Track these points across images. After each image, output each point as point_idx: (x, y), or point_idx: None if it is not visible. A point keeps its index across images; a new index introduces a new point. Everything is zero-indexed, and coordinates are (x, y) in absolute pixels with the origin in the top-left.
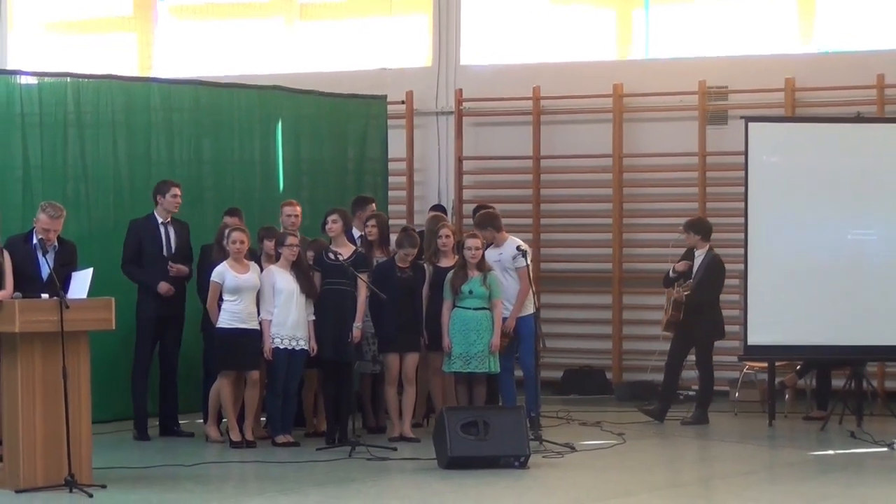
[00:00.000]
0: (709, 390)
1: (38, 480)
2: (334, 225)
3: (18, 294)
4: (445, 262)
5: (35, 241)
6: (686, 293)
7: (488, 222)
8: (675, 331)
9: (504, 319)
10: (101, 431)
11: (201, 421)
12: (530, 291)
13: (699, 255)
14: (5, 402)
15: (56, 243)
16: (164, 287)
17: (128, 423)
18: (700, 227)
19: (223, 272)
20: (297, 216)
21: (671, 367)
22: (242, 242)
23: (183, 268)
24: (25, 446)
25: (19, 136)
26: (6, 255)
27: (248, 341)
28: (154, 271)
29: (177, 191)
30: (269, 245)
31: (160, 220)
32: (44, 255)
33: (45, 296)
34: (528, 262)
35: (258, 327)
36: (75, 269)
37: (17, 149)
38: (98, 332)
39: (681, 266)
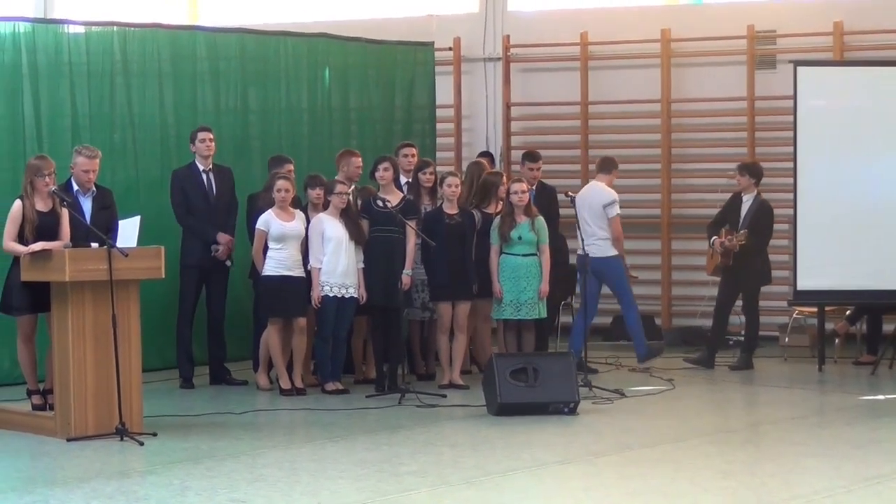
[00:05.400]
0: (755, 336)
1: (90, 429)
2: (385, 173)
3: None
4: (492, 209)
5: (75, 188)
6: (742, 242)
7: (613, 166)
8: (722, 276)
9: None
10: (152, 380)
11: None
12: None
13: (747, 200)
14: (56, 351)
15: (94, 188)
16: (224, 238)
17: (177, 370)
18: (754, 171)
19: (268, 220)
20: (360, 167)
21: (720, 313)
22: (287, 191)
23: (228, 237)
24: (76, 395)
25: (67, 86)
26: (66, 211)
27: (294, 288)
28: (207, 224)
29: (205, 135)
30: (314, 193)
31: (201, 167)
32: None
33: (94, 245)
34: None
35: (303, 274)
36: (114, 213)
37: (65, 98)
38: (148, 280)
39: (719, 245)
